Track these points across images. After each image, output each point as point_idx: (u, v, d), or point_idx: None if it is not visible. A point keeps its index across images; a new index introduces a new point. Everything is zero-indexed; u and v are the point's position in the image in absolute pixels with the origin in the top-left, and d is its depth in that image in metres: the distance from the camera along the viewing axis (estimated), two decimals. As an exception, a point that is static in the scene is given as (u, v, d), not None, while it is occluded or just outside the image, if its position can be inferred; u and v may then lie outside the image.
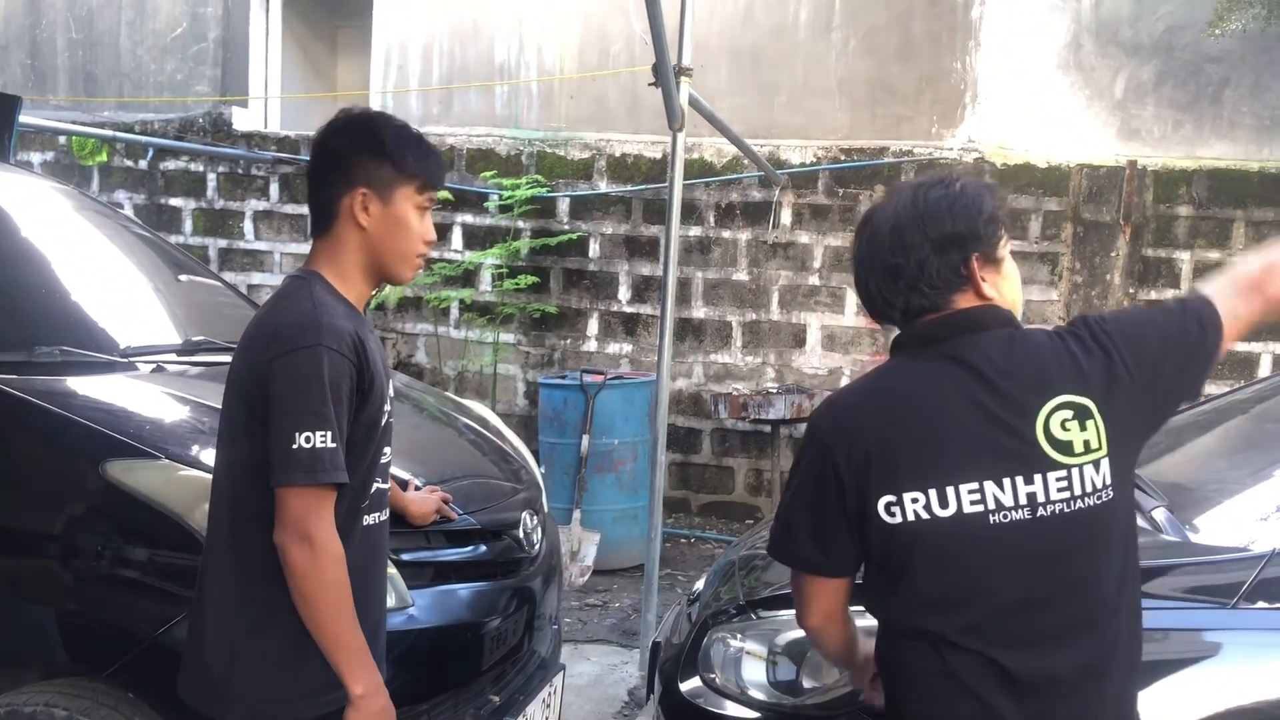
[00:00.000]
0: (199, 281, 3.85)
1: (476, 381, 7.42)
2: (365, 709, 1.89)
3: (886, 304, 1.74)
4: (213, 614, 1.94)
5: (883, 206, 1.76)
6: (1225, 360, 6.63)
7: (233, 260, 7.78)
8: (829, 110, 7.12)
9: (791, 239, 7.08)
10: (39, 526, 2.47)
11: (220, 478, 1.98)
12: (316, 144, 2.01)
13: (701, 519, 7.21)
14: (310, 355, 1.84)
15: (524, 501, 3.15)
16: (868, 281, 1.75)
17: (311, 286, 1.94)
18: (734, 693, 2.40)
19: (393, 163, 1.96)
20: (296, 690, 1.91)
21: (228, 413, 1.97)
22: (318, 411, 1.82)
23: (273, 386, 1.84)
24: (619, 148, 7.27)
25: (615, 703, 4.32)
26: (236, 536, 1.92)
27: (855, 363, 7.02)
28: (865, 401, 1.72)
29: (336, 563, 1.85)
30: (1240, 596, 2.07)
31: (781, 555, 1.79)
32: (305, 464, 1.81)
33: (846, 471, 1.65)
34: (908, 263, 1.69)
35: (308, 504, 1.83)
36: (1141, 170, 6.62)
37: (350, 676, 1.88)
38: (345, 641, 1.88)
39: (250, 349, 1.92)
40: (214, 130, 7.75)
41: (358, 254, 1.99)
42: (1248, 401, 3.39)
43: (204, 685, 1.94)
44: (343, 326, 1.89)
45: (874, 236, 1.74)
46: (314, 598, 1.84)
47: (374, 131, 1.98)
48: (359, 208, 1.95)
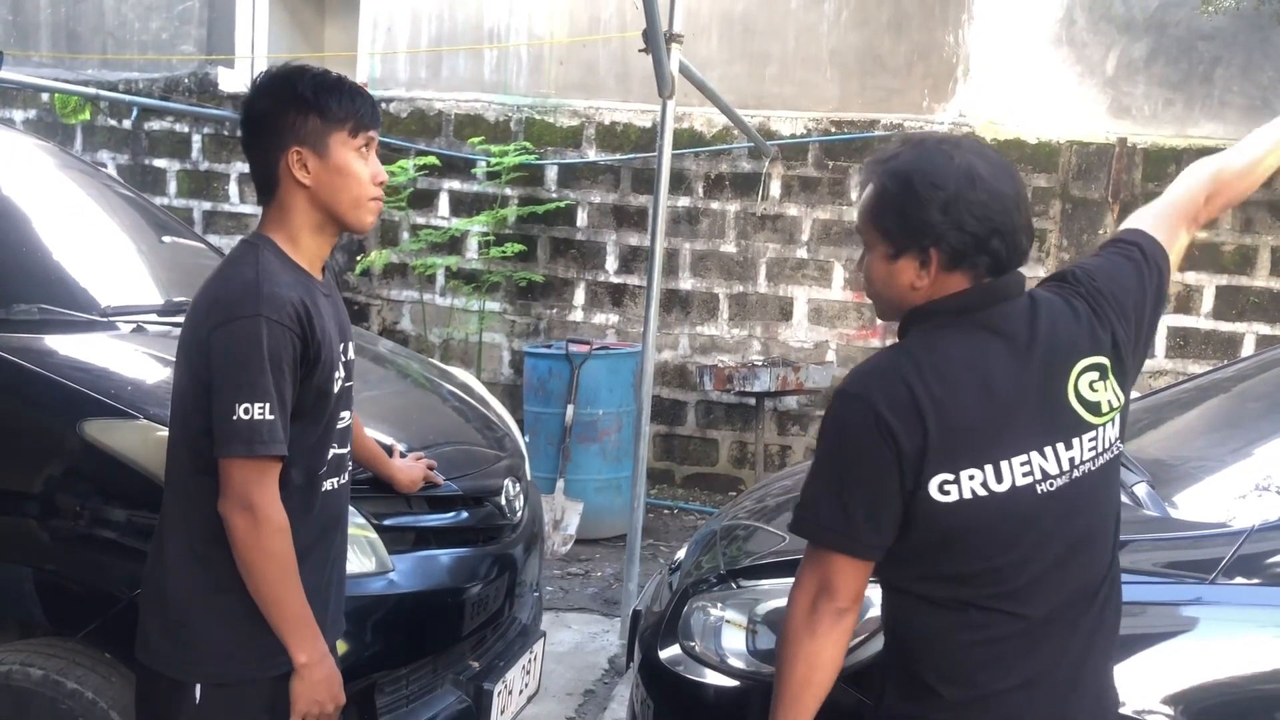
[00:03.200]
0: (182, 243, 3.82)
1: (462, 350, 7.40)
2: (309, 677, 1.92)
3: (1008, 260, 1.66)
4: (173, 576, 1.94)
5: (982, 157, 1.66)
6: (1209, 339, 6.66)
7: (217, 223, 7.71)
8: (820, 81, 7.07)
9: (780, 211, 7.06)
10: (15, 485, 2.45)
11: (175, 442, 1.98)
12: (243, 110, 1.98)
13: (685, 490, 7.22)
14: (248, 325, 1.82)
15: (506, 469, 3.15)
16: (1019, 234, 1.67)
17: (259, 252, 1.91)
18: (713, 661, 2.41)
19: (318, 113, 1.91)
20: (256, 651, 1.92)
21: (178, 380, 1.97)
22: (255, 383, 1.81)
23: (213, 357, 1.84)
24: (608, 115, 7.22)
25: (596, 670, 4.34)
26: (191, 500, 1.93)
27: (841, 336, 7.03)
28: (922, 378, 1.61)
29: (278, 534, 1.87)
30: (1219, 572, 2.08)
31: (838, 542, 1.65)
32: (244, 435, 1.81)
33: (908, 451, 1.59)
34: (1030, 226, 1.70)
35: (249, 475, 1.83)
36: (1131, 148, 6.62)
37: (294, 645, 1.90)
38: (288, 610, 1.89)
39: (194, 318, 1.91)
40: (199, 91, 7.66)
41: (307, 213, 1.95)
42: (1230, 380, 3.40)
43: (165, 647, 1.94)
44: (284, 295, 1.85)
45: (1009, 194, 1.65)
46: (256, 567, 1.86)
47: (292, 85, 1.92)
48: (297, 167, 1.91)
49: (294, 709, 1.93)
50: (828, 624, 1.69)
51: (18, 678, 2.34)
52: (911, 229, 1.65)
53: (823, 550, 1.68)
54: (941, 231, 1.62)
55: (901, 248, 1.67)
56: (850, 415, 1.64)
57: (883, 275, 1.72)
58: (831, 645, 1.70)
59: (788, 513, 3.03)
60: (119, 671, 2.37)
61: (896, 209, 1.66)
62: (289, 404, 1.87)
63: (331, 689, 1.96)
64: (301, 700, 1.93)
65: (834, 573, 1.68)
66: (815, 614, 1.69)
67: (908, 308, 1.72)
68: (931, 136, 1.73)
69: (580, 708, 3.99)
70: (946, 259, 1.64)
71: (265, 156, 1.93)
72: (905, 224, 1.65)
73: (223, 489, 1.86)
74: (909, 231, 1.65)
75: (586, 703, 4.04)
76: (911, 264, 1.66)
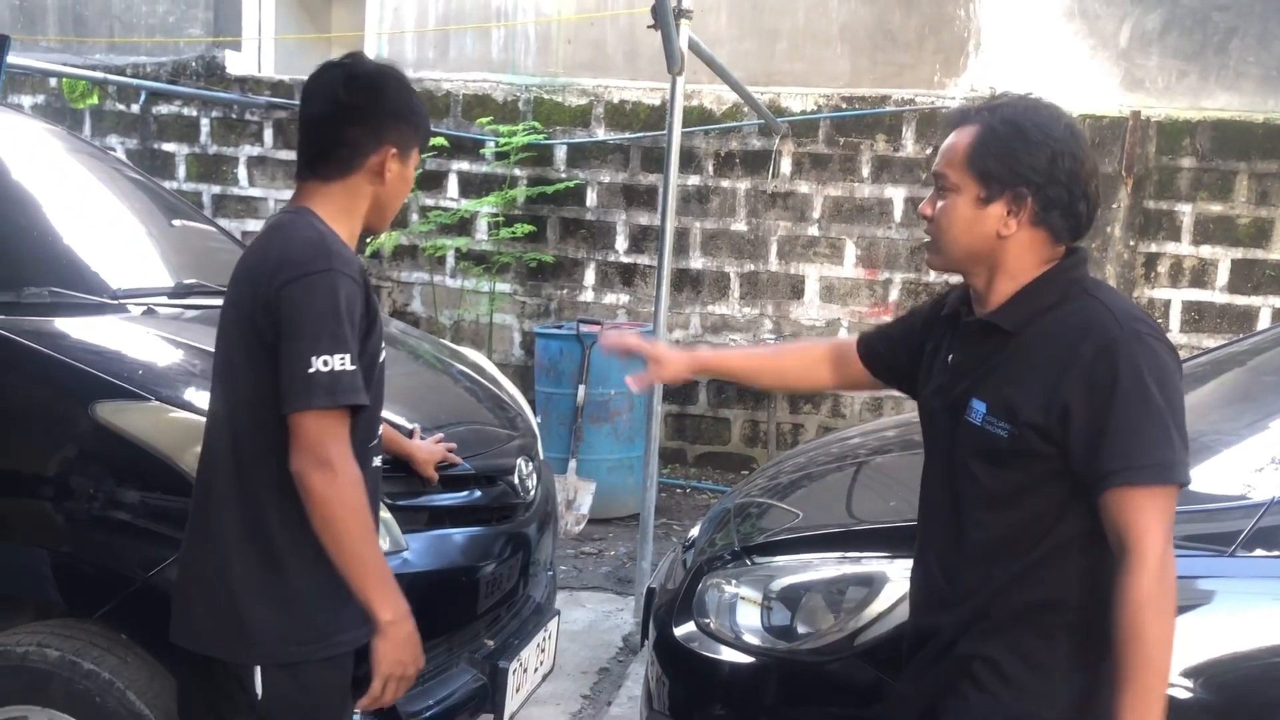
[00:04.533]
0: (192, 226, 3.81)
1: (473, 331, 7.39)
2: (394, 635, 1.86)
3: (1085, 225, 1.74)
4: (225, 556, 1.89)
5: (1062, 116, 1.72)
6: (1224, 313, 6.62)
7: (227, 207, 7.71)
8: (830, 57, 7.02)
9: (791, 188, 7.02)
10: (29, 468, 2.46)
11: (219, 419, 1.94)
12: (328, 90, 1.96)
13: (697, 469, 7.22)
14: (325, 279, 1.82)
15: (519, 448, 3.14)
16: (1094, 206, 1.73)
17: (308, 218, 1.92)
18: (728, 637, 2.41)
19: (414, 125, 1.99)
20: (310, 632, 1.89)
21: (226, 351, 1.94)
22: (335, 334, 1.80)
23: (284, 311, 1.81)
24: (617, 94, 7.18)
25: (610, 648, 4.35)
26: (243, 477, 1.89)
27: (853, 314, 7.00)
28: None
29: (356, 486, 1.82)
30: (1238, 544, 2.07)
31: (1186, 474, 1.61)
32: (326, 386, 1.78)
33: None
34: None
35: (325, 427, 1.79)
36: (1145, 121, 6.55)
37: (378, 602, 1.84)
38: (370, 566, 1.84)
39: (253, 280, 1.87)
40: (207, 74, 7.64)
41: (364, 204, 1.98)
42: (1246, 354, 3.37)
43: (217, 629, 1.90)
44: (350, 254, 1.89)
45: (1096, 164, 1.73)
46: (337, 523, 1.80)
47: (404, 94, 1.99)
48: (386, 166, 1.95)
49: (377, 670, 1.87)
50: (1174, 570, 1.60)
51: (35, 659, 2.35)
52: (1016, 173, 1.67)
53: (1177, 487, 1.61)
54: (1044, 180, 1.66)
55: (998, 192, 1.69)
56: (1164, 349, 1.64)
57: (967, 219, 1.72)
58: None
59: (803, 488, 3.07)
60: (135, 652, 2.38)
61: (1005, 151, 1.68)
62: (358, 360, 1.86)
63: (414, 649, 1.90)
64: (386, 660, 1.86)
65: (1174, 510, 1.62)
66: (1170, 559, 1.59)
67: (983, 259, 1.73)
68: (1030, 96, 1.75)
69: (595, 686, 4.00)
70: (1039, 209, 1.68)
71: (352, 144, 1.94)
72: (1010, 168, 1.67)
73: (295, 445, 1.80)
74: (1013, 175, 1.67)
75: (601, 680, 4.04)
76: (1001, 210, 1.69)
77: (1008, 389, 1.68)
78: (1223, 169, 6.55)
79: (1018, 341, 1.70)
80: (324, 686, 1.92)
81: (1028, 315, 1.70)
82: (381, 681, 1.88)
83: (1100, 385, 1.59)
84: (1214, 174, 6.57)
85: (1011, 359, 1.70)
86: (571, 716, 3.76)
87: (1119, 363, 1.59)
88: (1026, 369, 1.67)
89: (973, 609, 1.72)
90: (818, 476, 3.12)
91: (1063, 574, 1.64)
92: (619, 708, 3.80)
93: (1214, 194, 6.58)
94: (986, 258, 1.73)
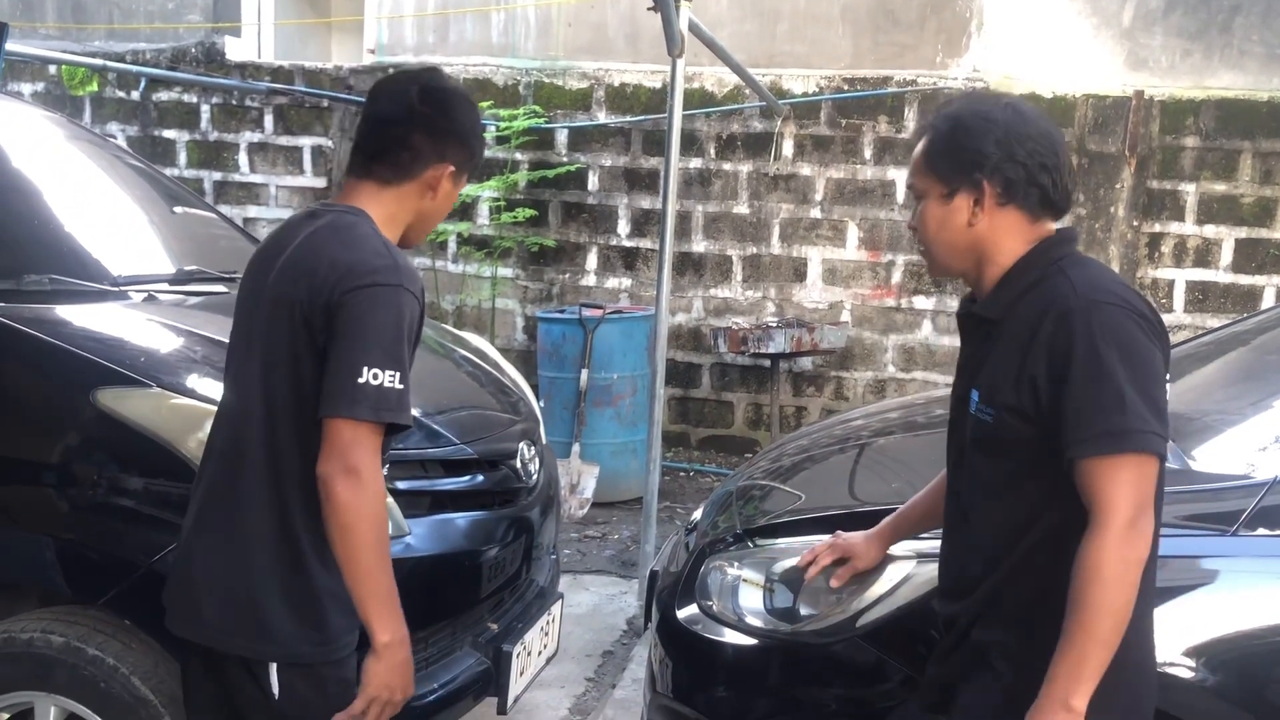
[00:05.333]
0: (194, 213, 3.81)
1: (475, 316, 7.39)
2: (388, 658, 1.82)
3: (1055, 197, 1.77)
4: (247, 556, 1.87)
5: (1026, 105, 1.79)
6: (1228, 292, 6.60)
7: (228, 193, 7.70)
8: (831, 38, 6.99)
9: (793, 171, 7.00)
10: (32, 455, 2.47)
11: (251, 416, 1.89)
12: (402, 94, 1.95)
13: (700, 453, 7.22)
14: (393, 294, 1.81)
15: (521, 432, 3.14)
16: (1063, 174, 1.77)
17: (369, 225, 1.90)
18: (731, 620, 2.41)
19: (473, 151, 2.00)
20: (327, 633, 1.88)
21: (268, 343, 1.87)
22: (390, 351, 1.78)
23: (345, 315, 1.78)
24: (618, 77, 7.16)
25: (614, 631, 4.36)
26: (274, 475, 1.86)
27: (856, 296, 6.99)
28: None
29: (378, 499, 1.80)
30: (1240, 523, 2.06)
31: (1160, 445, 1.59)
32: (371, 399, 1.76)
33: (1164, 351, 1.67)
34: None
35: (360, 437, 1.77)
36: (1148, 101, 6.52)
37: (378, 622, 1.81)
38: (377, 584, 1.81)
39: (312, 279, 1.82)
40: (207, 60, 7.62)
41: (409, 215, 1.99)
42: (1249, 333, 3.36)
43: (234, 624, 1.88)
44: (414, 268, 1.89)
45: (1054, 134, 1.76)
46: (353, 533, 1.78)
47: (474, 117, 2.01)
48: (442, 182, 1.96)
49: (363, 690, 1.83)
50: (1144, 546, 1.58)
51: (39, 645, 2.36)
52: (964, 162, 1.73)
53: (1147, 456, 1.58)
54: (995, 161, 1.71)
55: (955, 185, 1.75)
56: (1150, 329, 1.65)
57: (938, 218, 1.77)
58: (1140, 571, 1.59)
59: (805, 471, 3.07)
60: (139, 638, 2.39)
61: (948, 146, 1.75)
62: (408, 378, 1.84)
63: (405, 676, 1.86)
64: (374, 683, 1.82)
65: (1151, 482, 1.61)
66: (1135, 532, 1.57)
67: (965, 253, 1.77)
68: (980, 92, 1.80)
69: (599, 669, 4.01)
70: (1000, 190, 1.72)
71: (418, 150, 1.93)
72: (958, 158, 1.74)
73: (326, 449, 1.77)
74: (962, 165, 1.73)
75: (605, 663, 4.06)
76: (966, 201, 1.74)
77: (991, 375, 1.73)
78: (1227, 148, 6.52)
79: (1001, 327, 1.74)
80: (335, 685, 1.90)
81: (1010, 300, 1.74)
82: (365, 701, 1.84)
83: (1057, 358, 1.62)
84: (1218, 153, 6.54)
85: (996, 345, 1.74)
86: (575, 699, 3.77)
87: (1074, 332, 1.61)
88: (1004, 353, 1.71)
89: (984, 597, 1.75)
90: (820, 459, 3.11)
91: (1067, 558, 1.62)
92: (623, 690, 3.81)
93: (1218, 173, 6.55)
94: (968, 251, 1.78)
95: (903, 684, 2.19)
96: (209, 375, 2.49)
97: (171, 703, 2.36)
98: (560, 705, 3.71)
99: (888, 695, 2.21)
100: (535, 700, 3.63)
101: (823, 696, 2.32)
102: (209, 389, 2.44)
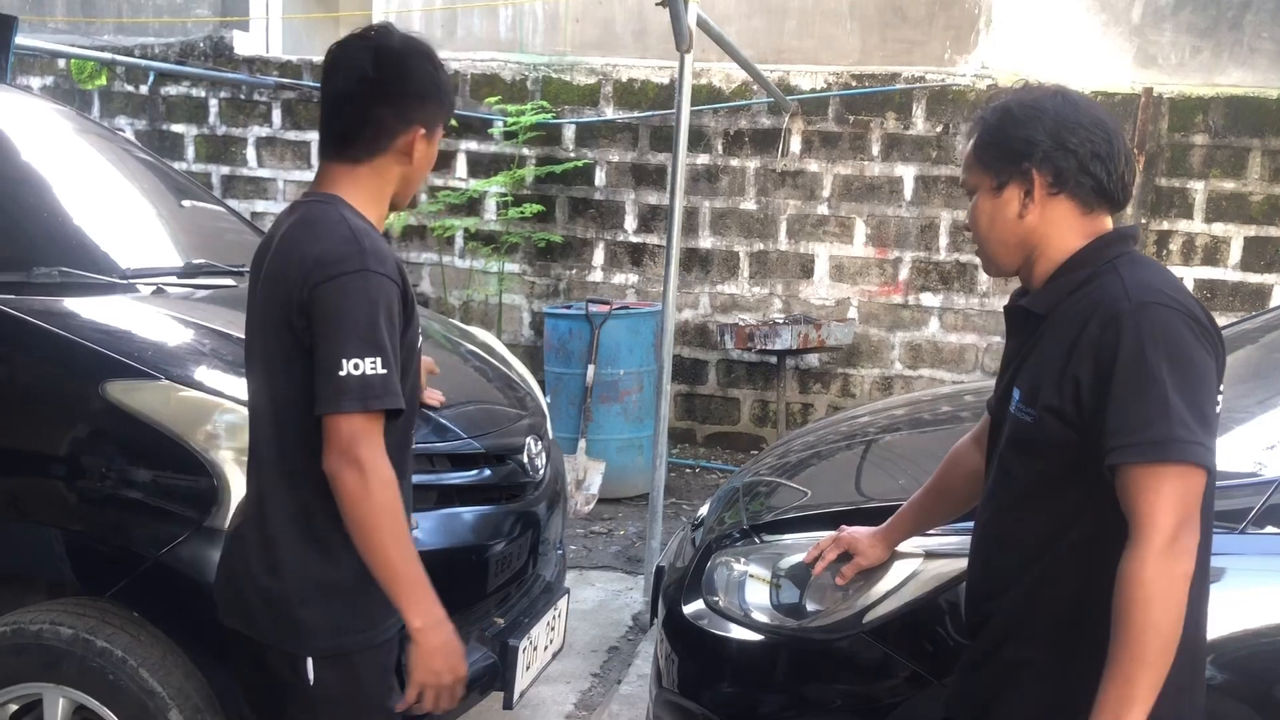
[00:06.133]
0: (202, 206, 3.81)
1: (482, 311, 7.39)
2: (425, 643, 1.80)
3: (1110, 187, 1.71)
4: (276, 550, 1.87)
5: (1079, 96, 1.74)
6: (1236, 291, 6.58)
7: (236, 188, 7.71)
8: (840, 35, 6.98)
9: (801, 167, 6.99)
10: (41, 447, 2.47)
11: (261, 414, 1.91)
12: (355, 65, 1.89)
13: (707, 449, 7.22)
14: (358, 280, 1.78)
15: (528, 427, 3.15)
16: (1119, 164, 1.70)
17: (341, 209, 1.86)
18: (737, 615, 2.41)
19: (439, 102, 1.93)
20: (360, 620, 1.87)
21: (265, 348, 1.89)
22: (366, 338, 1.76)
23: (317, 313, 1.77)
24: (625, 73, 7.15)
25: (620, 627, 4.36)
26: (290, 470, 1.86)
27: (863, 293, 6.98)
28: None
29: (388, 487, 1.79)
30: (1249, 521, 2.06)
31: (1207, 456, 1.52)
32: (355, 390, 1.75)
33: (1216, 360, 1.59)
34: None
35: (357, 429, 1.76)
36: (1157, 98, 6.50)
37: (408, 607, 1.79)
38: (401, 571, 1.79)
39: (286, 281, 1.82)
40: (215, 54, 7.62)
41: (391, 185, 1.94)
42: (1258, 330, 3.35)
43: (268, 617, 1.88)
44: (384, 248, 1.84)
45: (1108, 123, 1.70)
46: (366, 523, 1.77)
47: (432, 71, 1.93)
48: (415, 146, 1.91)
49: (411, 679, 1.82)
50: (1187, 561, 1.50)
51: (48, 637, 2.37)
52: (1013, 152, 1.68)
53: (1192, 467, 1.51)
54: (1044, 150, 1.66)
55: (1005, 176, 1.70)
56: (1197, 330, 1.57)
57: (989, 212, 1.73)
58: (1186, 588, 1.51)
59: (812, 467, 3.06)
60: (148, 630, 2.40)
61: (997, 137, 1.71)
62: (397, 359, 1.82)
63: (450, 658, 1.83)
64: (418, 669, 1.81)
65: (1196, 495, 1.53)
66: (1178, 547, 1.49)
67: (1016, 248, 1.72)
68: (1023, 83, 1.78)
69: (605, 664, 4.01)
70: (1051, 179, 1.67)
71: (379, 124, 1.88)
72: (1007, 148, 1.69)
73: (328, 446, 1.77)
74: (1011, 155, 1.69)
75: (611, 659, 4.06)
76: (1016, 192, 1.70)
77: (1035, 373, 1.66)
78: (1236, 146, 6.50)
79: (1048, 324, 1.67)
80: (370, 672, 1.89)
81: (1059, 296, 1.67)
82: (416, 690, 1.83)
83: (1103, 360, 1.55)
84: (1227, 151, 6.52)
85: (1041, 343, 1.68)
86: (581, 694, 3.77)
87: (1122, 334, 1.54)
88: (1048, 351, 1.64)
89: (1015, 605, 1.69)
90: (827, 455, 3.11)
91: (1100, 569, 1.56)
92: (629, 686, 3.82)
93: (1227, 171, 6.53)
94: (1020, 246, 1.72)
95: (909, 680, 2.19)
96: (217, 368, 2.49)
97: (179, 694, 2.37)
98: (566, 700, 3.71)
99: (894, 691, 2.21)
100: (541, 695, 3.64)
101: (828, 692, 2.31)
102: (217, 382, 2.45)
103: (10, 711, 2.47)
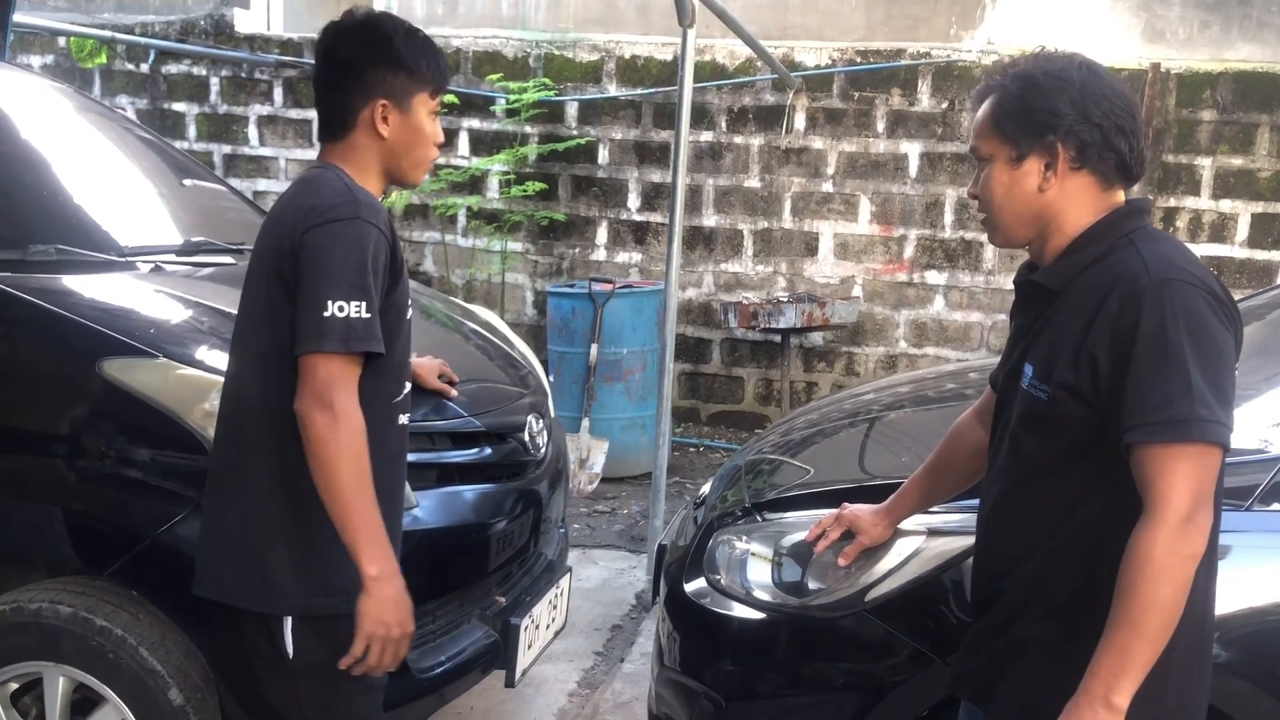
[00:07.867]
0: (203, 185, 3.79)
1: (485, 290, 7.37)
2: (378, 593, 1.81)
3: (1131, 163, 1.66)
4: (253, 507, 1.89)
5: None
6: (1244, 268, 6.54)
7: (238, 166, 7.68)
8: (844, 10, 6.93)
9: (805, 144, 6.95)
10: (39, 426, 2.46)
11: (246, 372, 1.93)
12: (324, 50, 1.97)
13: (710, 428, 7.21)
14: (349, 227, 1.82)
15: (530, 405, 3.13)
16: (1139, 139, 1.65)
17: (338, 171, 1.93)
18: (739, 594, 2.40)
19: (408, 71, 1.94)
20: (336, 583, 1.87)
21: (251, 303, 1.93)
22: (353, 282, 1.79)
23: (306, 256, 1.81)
24: (628, 49, 7.10)
25: (622, 605, 4.36)
26: (274, 426, 1.87)
27: (868, 271, 6.95)
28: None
29: (356, 433, 1.80)
30: (1255, 498, 2.04)
31: (1225, 435, 1.50)
32: (339, 331, 1.77)
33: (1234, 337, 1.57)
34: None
35: (333, 371, 1.78)
36: (1165, 73, 6.44)
37: (364, 556, 1.80)
38: (360, 518, 1.80)
39: (279, 229, 1.88)
40: (216, 33, 7.58)
41: (375, 160, 1.97)
42: (1264, 307, 3.33)
43: (242, 578, 1.89)
44: (378, 205, 1.88)
45: (1129, 96, 1.65)
46: (331, 467, 1.78)
47: (388, 40, 1.94)
48: (379, 119, 1.93)
49: (359, 630, 1.82)
50: (1200, 540, 1.48)
51: (48, 615, 2.37)
52: (1037, 123, 1.63)
53: (1210, 446, 1.49)
54: (1069, 123, 1.61)
55: (1026, 147, 1.65)
56: (1216, 309, 1.54)
57: (1005, 183, 1.67)
58: (1194, 568, 1.50)
59: (815, 445, 3.05)
60: (146, 608, 2.40)
61: (1020, 106, 1.65)
62: (379, 309, 1.84)
63: (400, 611, 1.84)
64: (368, 619, 1.81)
65: (1212, 474, 1.51)
66: (1191, 526, 1.48)
67: (1031, 221, 1.68)
68: (1043, 49, 1.70)
69: (608, 642, 4.01)
70: (1074, 153, 1.63)
71: (345, 101, 1.94)
72: (1030, 119, 1.64)
73: (302, 386, 1.79)
74: (1034, 126, 1.63)
75: (614, 637, 4.06)
76: (1037, 164, 1.65)
77: (1048, 349, 1.63)
78: (1244, 121, 6.45)
79: (1062, 299, 1.64)
80: (350, 640, 1.87)
81: (1073, 271, 1.64)
82: (363, 642, 1.82)
83: (1122, 337, 1.52)
84: (1235, 127, 6.47)
85: (1055, 318, 1.65)
86: (584, 673, 3.77)
87: (1142, 311, 1.51)
88: (1063, 327, 1.61)
89: (1025, 583, 1.67)
90: (830, 433, 3.10)
91: (1112, 546, 1.54)
92: (631, 664, 3.82)
93: (1234, 147, 6.48)
94: (1036, 218, 1.67)
95: (911, 658, 2.18)
96: (215, 346, 2.48)
97: (178, 673, 2.36)
98: (568, 678, 3.71)
99: (896, 670, 2.20)
100: (543, 673, 3.64)
101: (830, 671, 2.31)
102: (215, 360, 2.43)
103: (11, 690, 2.47)
